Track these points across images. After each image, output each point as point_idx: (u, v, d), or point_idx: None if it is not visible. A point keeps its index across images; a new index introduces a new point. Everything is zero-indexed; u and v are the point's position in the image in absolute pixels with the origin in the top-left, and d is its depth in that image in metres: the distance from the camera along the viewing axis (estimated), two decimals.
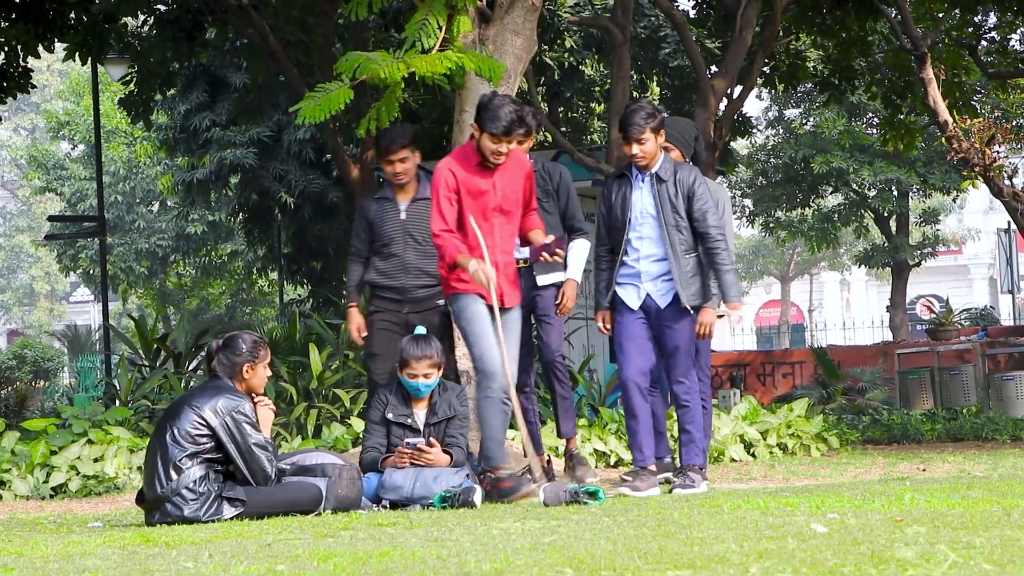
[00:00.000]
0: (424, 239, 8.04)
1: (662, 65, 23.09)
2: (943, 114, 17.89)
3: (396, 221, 8.18)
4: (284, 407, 11.90)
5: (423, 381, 7.50)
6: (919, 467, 9.43)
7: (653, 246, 7.59)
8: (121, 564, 4.68)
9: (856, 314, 54.47)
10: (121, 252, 35.44)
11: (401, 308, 8.11)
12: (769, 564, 3.82)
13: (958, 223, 54.45)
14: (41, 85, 50.36)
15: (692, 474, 7.57)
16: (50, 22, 14.48)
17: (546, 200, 8.17)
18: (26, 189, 51.38)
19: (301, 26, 17.58)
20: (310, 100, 8.37)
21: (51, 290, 59.37)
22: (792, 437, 11.57)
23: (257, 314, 38.98)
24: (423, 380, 7.49)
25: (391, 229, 8.18)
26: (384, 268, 8.20)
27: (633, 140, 7.52)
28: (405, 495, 7.20)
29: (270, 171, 23.44)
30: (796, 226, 33.44)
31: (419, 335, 7.61)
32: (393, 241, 8.16)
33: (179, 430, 6.68)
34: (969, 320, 24.38)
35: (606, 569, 3.87)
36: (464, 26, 8.68)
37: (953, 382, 16.64)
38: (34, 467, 10.07)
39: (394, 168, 8.11)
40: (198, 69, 22.39)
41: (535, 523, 5.49)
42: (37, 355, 34.63)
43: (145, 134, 31.75)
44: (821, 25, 17.15)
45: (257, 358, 6.93)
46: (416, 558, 4.38)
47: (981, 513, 5.01)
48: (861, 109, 30.35)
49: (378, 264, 8.23)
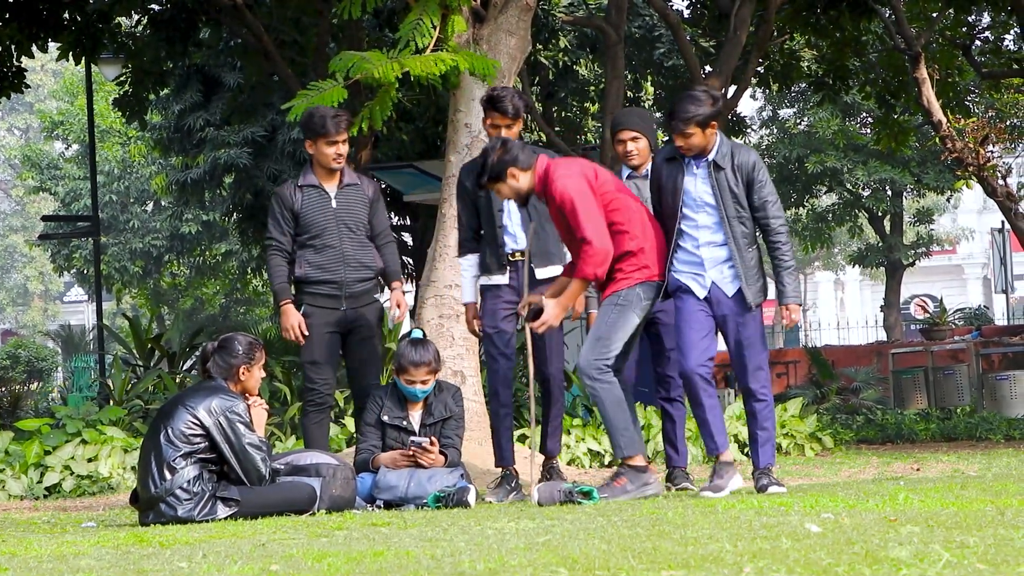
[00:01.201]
0: (358, 228, 7.76)
1: (656, 65, 23.09)
2: (937, 114, 17.91)
3: (328, 209, 7.75)
4: (278, 407, 11.89)
5: (421, 387, 7.47)
6: (913, 467, 9.44)
7: (712, 234, 7.03)
8: (115, 564, 4.68)
9: (850, 314, 54.49)
10: (115, 252, 35.40)
11: (339, 305, 7.74)
12: (763, 564, 3.82)
13: (952, 223, 54.46)
14: (35, 85, 50.33)
15: (773, 475, 7.18)
16: (43, 22, 14.46)
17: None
18: (20, 189, 51.34)
19: (295, 26, 17.55)
20: (303, 98, 8.35)
21: (45, 290, 59.30)
22: (786, 437, 11.58)
23: (251, 314, 38.96)
24: (421, 386, 7.47)
25: (323, 218, 7.73)
26: (318, 261, 7.74)
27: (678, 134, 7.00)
28: (399, 495, 7.20)
29: (264, 171, 23.40)
30: (790, 226, 33.45)
31: (416, 339, 7.55)
32: (326, 231, 7.72)
33: (173, 430, 6.67)
34: (963, 320, 24.44)
35: (600, 569, 3.87)
36: (458, 26, 8.68)
37: (947, 382, 16.67)
38: (28, 467, 10.07)
39: (338, 150, 7.69)
40: (192, 69, 22.36)
41: (529, 523, 5.49)
42: (31, 355, 34.63)
43: (139, 134, 31.74)
44: (815, 25, 17.15)
45: (253, 360, 6.93)
46: (410, 558, 4.37)
47: (975, 513, 5.01)
48: (855, 109, 30.37)
49: (310, 258, 7.75)
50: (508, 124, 7.63)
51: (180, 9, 15.91)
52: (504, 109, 7.60)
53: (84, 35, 14.96)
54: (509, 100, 7.62)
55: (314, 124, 7.71)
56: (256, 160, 23.53)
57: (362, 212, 7.82)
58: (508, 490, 7.59)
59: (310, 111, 7.84)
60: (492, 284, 7.68)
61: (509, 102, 7.61)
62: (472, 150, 9.11)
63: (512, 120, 7.64)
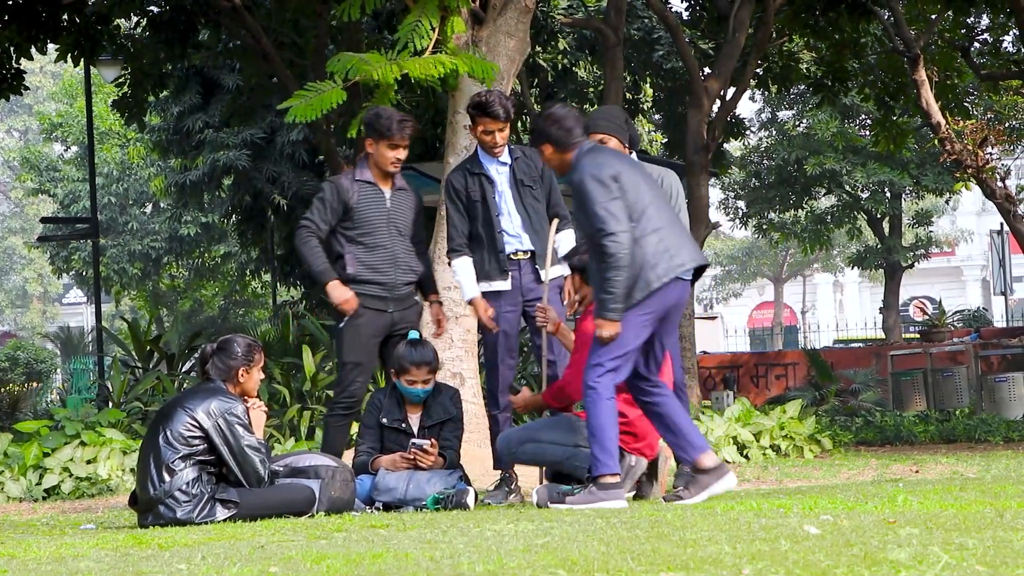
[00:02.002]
0: (407, 232, 7.68)
1: (655, 67, 23.11)
2: (936, 116, 17.92)
3: (383, 209, 7.63)
4: (277, 409, 11.89)
5: (422, 387, 7.46)
6: (912, 469, 9.44)
7: None
8: (114, 566, 4.68)
9: (849, 316, 54.52)
10: (114, 254, 35.40)
11: (387, 307, 7.61)
12: (762, 566, 3.82)
13: (951, 225, 54.50)
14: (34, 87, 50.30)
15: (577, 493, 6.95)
16: (42, 24, 14.47)
17: (535, 187, 7.73)
18: (19, 191, 51.32)
19: (294, 28, 17.56)
20: (301, 99, 8.35)
21: (44, 292, 59.30)
22: (785, 439, 11.57)
23: (250, 316, 38.96)
24: (422, 386, 7.46)
25: (377, 216, 7.61)
26: (370, 261, 7.61)
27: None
28: (398, 497, 7.19)
29: (263, 173, 23.42)
30: (789, 228, 33.46)
31: (414, 340, 7.53)
32: (378, 230, 7.60)
33: (172, 432, 6.67)
34: (962, 322, 24.44)
35: (599, 571, 3.87)
36: (457, 27, 8.69)
37: (946, 384, 16.67)
38: (27, 469, 10.06)
39: (398, 154, 7.58)
40: (191, 71, 22.37)
41: (528, 525, 5.49)
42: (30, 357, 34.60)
43: (138, 136, 31.75)
44: (814, 27, 17.17)
45: (252, 362, 6.93)
46: (409, 560, 4.37)
47: (974, 515, 5.01)
48: (854, 111, 30.38)
49: (361, 256, 7.60)
50: (500, 128, 7.60)
51: (179, 11, 15.92)
52: (496, 114, 7.55)
53: (83, 37, 14.97)
54: (499, 103, 7.54)
55: (380, 126, 7.56)
56: (255, 162, 23.55)
57: (411, 217, 7.73)
58: (507, 492, 7.58)
59: (377, 111, 7.69)
60: (493, 291, 7.63)
61: (499, 106, 7.54)
62: (471, 152, 9.10)
63: (504, 123, 7.61)
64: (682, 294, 6.81)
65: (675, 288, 6.73)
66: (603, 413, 6.64)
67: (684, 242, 6.81)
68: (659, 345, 6.86)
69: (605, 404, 6.64)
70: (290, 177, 23.25)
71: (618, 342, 6.65)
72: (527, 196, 7.66)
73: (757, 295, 60.72)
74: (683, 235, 6.86)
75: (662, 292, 6.68)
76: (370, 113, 7.74)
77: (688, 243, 6.85)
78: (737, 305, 58.98)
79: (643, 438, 7.20)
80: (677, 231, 6.82)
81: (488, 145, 7.63)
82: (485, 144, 7.65)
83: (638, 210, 6.66)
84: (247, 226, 25.18)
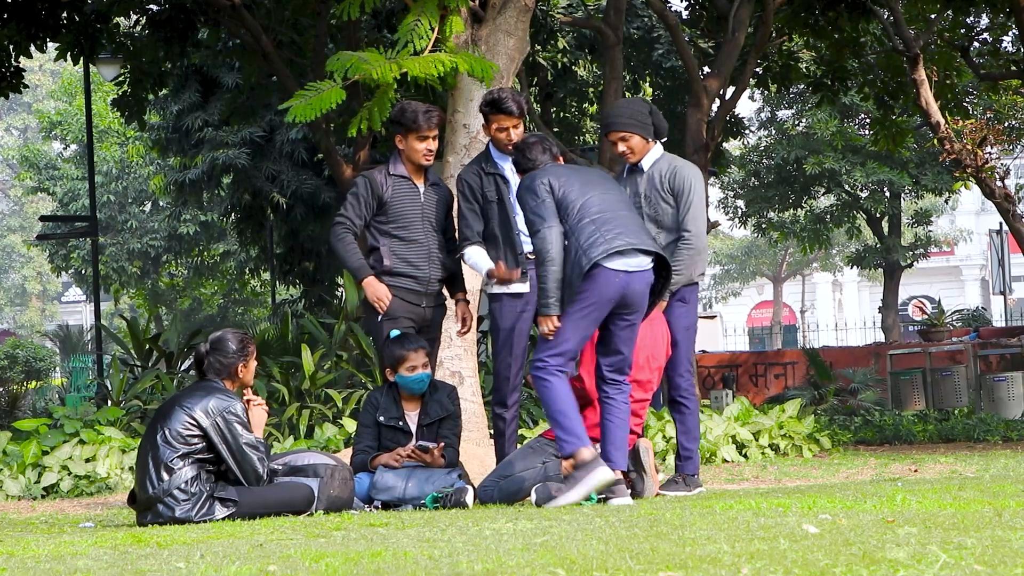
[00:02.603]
0: (439, 227, 7.65)
1: (655, 66, 23.11)
2: (935, 115, 17.92)
3: (417, 203, 7.60)
4: (276, 407, 11.89)
5: (423, 371, 7.42)
6: (911, 468, 9.44)
7: None
8: (113, 564, 4.68)
9: (848, 315, 54.53)
10: (113, 252, 35.40)
11: (420, 301, 7.58)
12: (761, 565, 3.82)
13: (950, 224, 54.52)
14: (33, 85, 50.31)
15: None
16: (42, 22, 14.47)
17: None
18: (18, 189, 51.34)
19: (294, 26, 17.55)
20: (300, 98, 8.33)
21: (43, 290, 59.31)
22: (784, 438, 11.57)
23: (249, 314, 38.99)
24: (423, 370, 7.42)
25: (411, 210, 7.58)
26: (405, 255, 7.56)
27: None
28: (397, 495, 7.19)
29: (262, 171, 23.42)
30: (788, 227, 33.47)
31: (397, 336, 7.50)
32: (413, 225, 7.56)
33: (170, 430, 6.67)
34: (961, 321, 24.41)
35: (598, 569, 3.87)
36: (456, 26, 8.68)
37: (945, 383, 16.68)
38: (26, 467, 10.07)
39: (428, 145, 7.55)
40: (190, 69, 22.36)
41: (527, 523, 5.48)
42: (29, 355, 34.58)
43: (137, 134, 31.75)
44: (814, 26, 17.16)
45: (247, 355, 6.93)
46: (408, 558, 4.37)
47: (972, 514, 5.01)
48: (853, 110, 30.38)
49: (397, 249, 7.56)
50: (515, 124, 7.60)
51: (178, 10, 15.91)
52: (510, 110, 7.56)
53: (82, 35, 14.96)
54: (512, 100, 7.58)
55: (405, 119, 7.55)
56: (254, 161, 23.55)
57: (444, 212, 7.71)
58: None
59: (402, 105, 7.66)
60: (510, 293, 7.60)
61: (512, 102, 7.57)
62: (470, 151, 9.10)
63: (518, 119, 7.62)
64: (628, 287, 6.76)
65: (616, 279, 6.71)
66: (558, 398, 6.73)
67: (628, 229, 6.80)
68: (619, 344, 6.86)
69: (558, 388, 6.73)
70: (289, 176, 23.25)
71: (557, 337, 6.73)
72: None
73: (756, 294, 60.73)
74: (629, 224, 6.85)
75: (601, 283, 6.70)
76: (394, 109, 7.72)
77: (634, 230, 6.83)
78: (736, 304, 59.00)
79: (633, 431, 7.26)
80: (622, 220, 6.83)
81: (503, 142, 7.61)
82: (499, 141, 7.62)
83: (568, 204, 6.79)
84: (246, 225, 25.18)
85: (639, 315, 6.92)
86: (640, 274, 6.81)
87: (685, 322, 7.65)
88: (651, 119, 7.64)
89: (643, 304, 6.90)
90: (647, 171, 7.62)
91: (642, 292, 6.85)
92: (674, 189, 7.57)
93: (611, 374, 6.91)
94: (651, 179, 7.60)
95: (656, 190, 7.59)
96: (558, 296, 6.73)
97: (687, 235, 7.53)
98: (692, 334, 7.70)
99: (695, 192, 7.59)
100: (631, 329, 6.92)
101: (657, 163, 7.64)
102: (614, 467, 6.78)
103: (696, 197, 7.59)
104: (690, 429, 7.71)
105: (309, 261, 24.71)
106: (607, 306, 6.76)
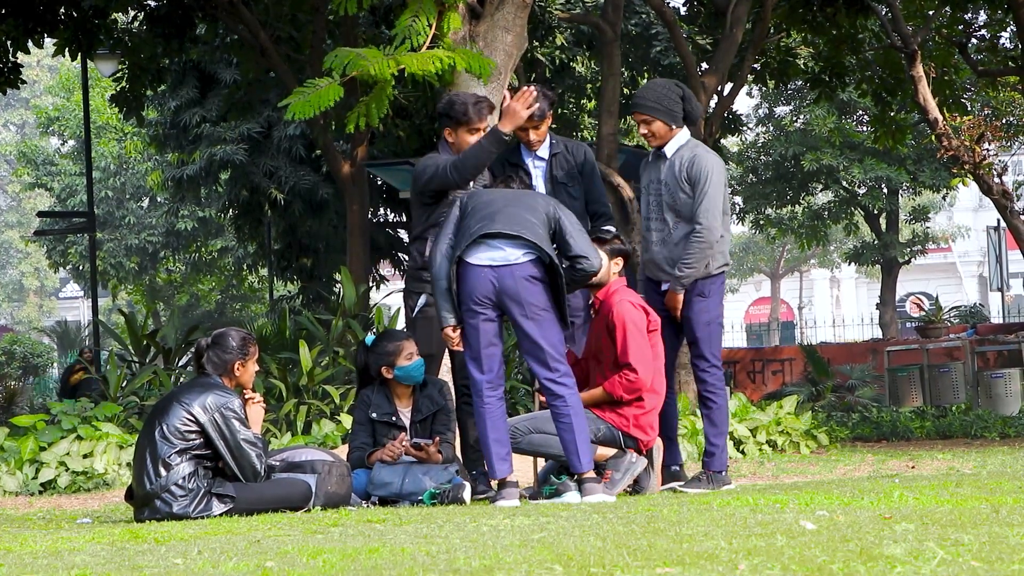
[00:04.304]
0: None
1: (653, 62, 23.10)
2: (933, 112, 17.91)
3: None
4: (274, 403, 11.89)
5: (418, 359, 7.40)
6: (908, 464, 9.45)
7: None
8: (110, 560, 4.68)
9: (846, 311, 54.54)
10: (111, 248, 35.39)
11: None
12: (758, 561, 3.82)
13: (948, 221, 54.51)
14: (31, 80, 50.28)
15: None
16: (40, 17, 14.47)
17: (571, 183, 7.56)
18: (16, 185, 51.30)
19: (291, 22, 17.56)
20: (299, 95, 8.33)
21: (41, 286, 59.28)
22: (781, 434, 11.58)
23: (247, 310, 38.96)
24: (418, 357, 7.40)
25: None
26: None
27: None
28: (394, 491, 7.18)
29: (260, 167, 23.42)
30: (786, 223, 33.48)
31: (380, 335, 7.51)
32: None
33: (168, 426, 6.66)
34: (958, 318, 24.43)
35: (595, 566, 3.87)
36: (454, 23, 8.68)
37: (942, 380, 16.68)
38: (23, 463, 10.07)
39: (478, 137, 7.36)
40: (188, 65, 22.36)
41: (524, 520, 5.49)
42: (26, 351, 34.64)
43: (135, 130, 31.72)
44: (811, 22, 17.16)
45: (247, 355, 6.92)
46: (405, 554, 4.37)
47: (970, 510, 5.01)
48: (851, 106, 30.39)
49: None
50: (535, 126, 7.47)
51: (176, 5, 15.91)
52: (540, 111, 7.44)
53: (80, 31, 14.97)
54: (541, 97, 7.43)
55: (455, 112, 7.38)
56: (252, 157, 23.55)
57: None
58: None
59: (451, 98, 7.51)
60: None
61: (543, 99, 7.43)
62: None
63: (538, 121, 7.46)
64: (484, 280, 6.68)
65: (473, 274, 6.68)
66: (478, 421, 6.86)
67: (496, 218, 6.72)
68: (527, 344, 6.77)
69: (479, 412, 6.81)
70: (287, 171, 23.24)
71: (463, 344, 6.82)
72: (561, 193, 7.46)
73: (754, 291, 60.74)
74: (503, 215, 6.74)
75: (464, 278, 6.71)
76: (443, 102, 7.56)
77: (501, 219, 6.72)
78: (734, 300, 58.96)
79: (655, 431, 7.24)
80: (497, 211, 6.75)
81: (523, 142, 7.57)
82: (521, 140, 7.57)
83: (467, 210, 6.81)
84: (244, 220, 25.17)
85: (526, 309, 6.70)
86: (493, 268, 6.72)
87: (706, 317, 7.45)
88: (682, 104, 7.46)
89: (526, 298, 6.70)
90: (669, 158, 7.46)
91: (510, 282, 6.71)
92: (691, 178, 7.37)
93: (547, 383, 6.78)
94: (672, 166, 7.44)
95: (675, 177, 7.42)
96: (445, 306, 6.79)
97: (698, 227, 7.31)
98: (715, 328, 7.48)
99: (711, 183, 7.37)
100: (532, 324, 6.71)
101: (680, 150, 7.46)
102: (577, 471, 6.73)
103: (712, 188, 7.36)
104: (716, 423, 7.55)
105: (307, 257, 24.70)
106: (471, 301, 6.71)
